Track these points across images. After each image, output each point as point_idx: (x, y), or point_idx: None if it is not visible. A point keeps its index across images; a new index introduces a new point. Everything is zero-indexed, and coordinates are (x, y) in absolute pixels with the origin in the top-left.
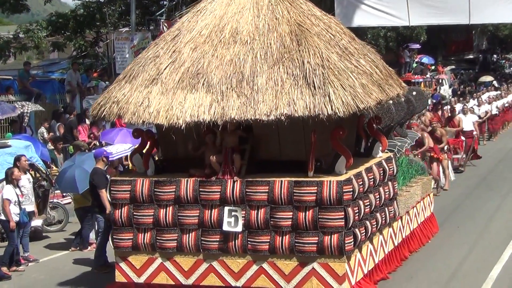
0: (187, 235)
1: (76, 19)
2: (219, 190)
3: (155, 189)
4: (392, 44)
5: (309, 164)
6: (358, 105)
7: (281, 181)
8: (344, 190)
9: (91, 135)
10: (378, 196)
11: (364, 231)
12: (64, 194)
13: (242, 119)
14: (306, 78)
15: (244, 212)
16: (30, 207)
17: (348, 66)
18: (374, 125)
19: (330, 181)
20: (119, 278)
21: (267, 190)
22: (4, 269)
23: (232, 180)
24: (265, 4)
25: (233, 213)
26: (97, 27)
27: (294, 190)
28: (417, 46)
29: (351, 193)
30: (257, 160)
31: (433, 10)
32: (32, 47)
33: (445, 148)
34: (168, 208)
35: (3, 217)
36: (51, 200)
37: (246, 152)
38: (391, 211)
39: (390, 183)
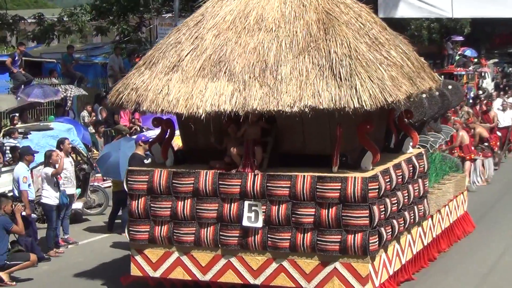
0: (205, 229)
1: (119, 4)
2: (239, 183)
3: (173, 181)
4: (435, 36)
5: (334, 159)
6: (386, 99)
7: (304, 176)
8: (369, 187)
9: (133, 120)
10: (406, 194)
11: (390, 230)
12: (105, 178)
13: (265, 110)
14: (332, 68)
15: (264, 207)
16: (71, 189)
17: (377, 57)
18: (405, 119)
19: (355, 177)
20: (134, 271)
21: (289, 185)
22: (51, 252)
23: (252, 173)
24: None
25: (253, 208)
26: (140, 12)
27: (317, 186)
28: (461, 38)
29: (377, 190)
30: (280, 153)
31: (477, 3)
32: (75, 30)
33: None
34: (186, 200)
35: (43, 200)
36: (92, 184)
37: (268, 144)
38: (421, 210)
39: (420, 180)
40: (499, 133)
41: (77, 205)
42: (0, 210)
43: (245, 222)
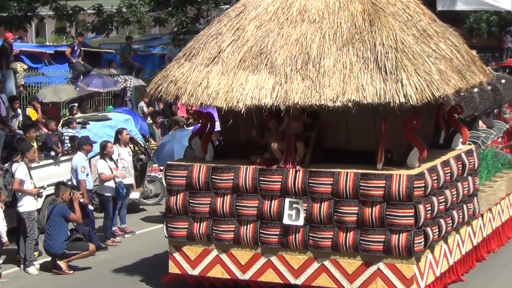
0: (245, 226)
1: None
2: (280, 180)
3: (213, 176)
4: (494, 29)
5: (378, 156)
6: (433, 93)
7: (347, 172)
8: (415, 185)
9: (190, 111)
10: (455, 192)
11: (437, 230)
12: (162, 168)
13: (306, 104)
14: (377, 61)
15: (306, 205)
16: (129, 179)
17: (425, 50)
18: (454, 114)
19: (400, 175)
20: (172, 269)
21: (331, 182)
22: (109, 241)
23: (294, 169)
24: None
25: (294, 206)
26: (198, 3)
27: (361, 183)
28: None
29: (423, 188)
30: (322, 148)
31: None
32: (134, 21)
33: None
34: (225, 197)
35: (99, 191)
36: (149, 174)
37: (310, 139)
38: (470, 209)
39: (470, 178)
40: None
41: (134, 195)
42: (58, 198)
43: (286, 220)
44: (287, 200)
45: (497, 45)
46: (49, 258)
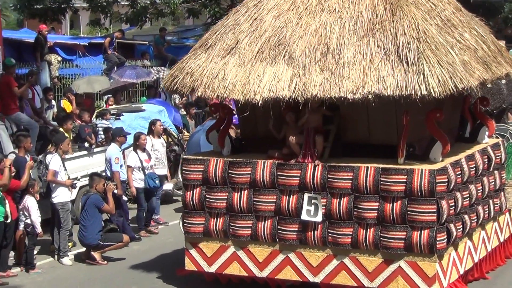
0: (263, 222)
1: None
2: (299, 174)
3: (230, 171)
4: None
5: (400, 150)
6: (456, 85)
7: (367, 167)
8: (437, 181)
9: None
10: (480, 187)
11: (461, 226)
12: None
13: (325, 96)
14: (398, 52)
15: (325, 200)
16: (163, 170)
17: (449, 40)
18: (481, 107)
19: (421, 170)
20: (189, 266)
21: (351, 177)
22: (142, 232)
23: (313, 164)
24: None
25: (313, 201)
26: None
27: (381, 178)
28: None
29: (446, 184)
30: (343, 142)
31: None
32: (168, 13)
33: None
34: (242, 192)
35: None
36: None
37: (330, 133)
38: (497, 204)
39: (496, 172)
40: None
41: (168, 186)
42: (92, 189)
43: (304, 216)
44: (305, 196)
45: None
46: (83, 249)
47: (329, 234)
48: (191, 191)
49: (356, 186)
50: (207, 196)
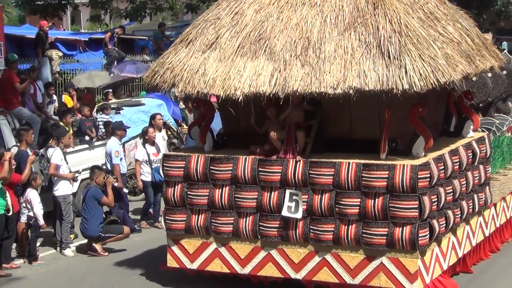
0: (244, 219)
1: None
2: (280, 170)
3: (211, 167)
4: None
5: (382, 145)
6: (438, 79)
7: (349, 163)
8: (419, 176)
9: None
10: (464, 182)
11: (444, 222)
12: None
13: (306, 91)
14: (380, 46)
15: (306, 197)
16: None
17: (431, 34)
18: (465, 101)
19: (403, 165)
20: (171, 262)
21: (332, 173)
22: (143, 224)
23: (294, 160)
24: None
25: (294, 197)
26: None
27: (363, 174)
28: None
29: (428, 179)
30: (325, 137)
31: None
32: (167, 8)
33: None
34: (224, 188)
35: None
36: None
37: (312, 128)
38: (482, 198)
39: (481, 166)
40: None
41: None
42: (92, 181)
43: (285, 212)
44: (287, 192)
45: None
46: (85, 241)
47: (311, 230)
48: (172, 188)
49: (338, 182)
50: (188, 192)
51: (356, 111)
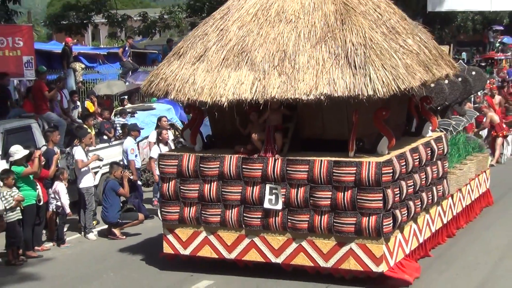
0: (230, 210)
1: (210, 3)
2: (261, 167)
3: (201, 165)
4: (478, 26)
5: (350, 144)
6: (399, 86)
7: (321, 160)
8: (383, 172)
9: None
10: (424, 176)
11: (406, 211)
12: None
13: (282, 98)
14: (347, 57)
15: (284, 190)
16: None
17: (393, 46)
18: (425, 104)
19: (369, 162)
20: (166, 249)
21: (307, 169)
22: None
23: (273, 158)
24: None
25: (273, 191)
26: None
27: (333, 170)
28: (501, 27)
29: (391, 174)
30: (301, 138)
31: None
32: (173, 26)
33: None
34: (212, 183)
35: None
36: None
37: (289, 130)
38: (440, 190)
39: (439, 162)
40: None
41: None
42: (111, 175)
43: (266, 205)
44: (267, 186)
45: (481, 40)
46: (105, 226)
47: (289, 220)
48: (167, 183)
49: (312, 177)
50: (181, 187)
51: (327, 115)
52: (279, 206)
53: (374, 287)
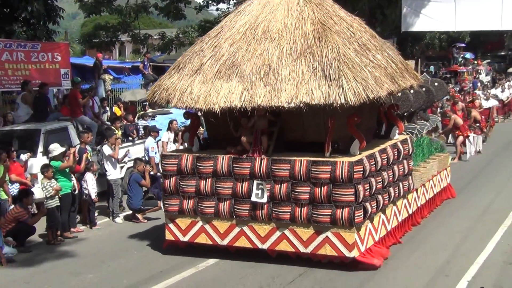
0: (223, 203)
1: (218, 24)
2: (249, 166)
3: (197, 163)
4: (444, 44)
5: (326, 146)
6: (368, 95)
7: (301, 160)
8: (355, 170)
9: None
10: (391, 173)
11: (375, 204)
12: None
13: (267, 105)
14: (323, 70)
15: (269, 186)
16: None
17: (363, 61)
18: (392, 111)
19: (342, 162)
20: (168, 236)
21: (289, 168)
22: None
23: (260, 158)
24: (294, 6)
25: (260, 186)
26: None
27: (312, 169)
28: (463, 44)
29: (362, 172)
30: (284, 140)
31: (474, 19)
32: (187, 44)
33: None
34: (207, 180)
35: None
36: None
37: (273, 134)
38: (406, 185)
39: (405, 161)
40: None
41: None
42: (135, 169)
43: (253, 198)
44: (254, 182)
45: (446, 55)
46: (130, 212)
47: (273, 211)
48: (169, 179)
49: (293, 175)
50: (180, 183)
51: (306, 120)
52: (265, 200)
53: (347, 270)
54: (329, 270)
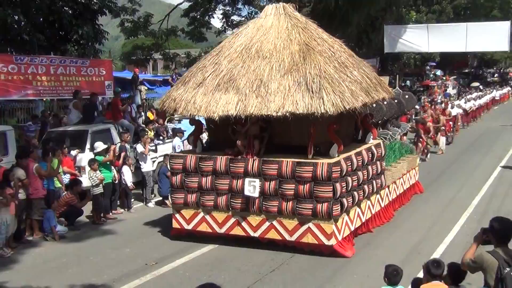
0: (221, 197)
1: (219, 44)
2: (243, 166)
3: (199, 163)
4: (418, 63)
5: (309, 149)
6: (344, 106)
7: (287, 161)
8: (333, 170)
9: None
10: (366, 173)
11: (351, 199)
12: None
13: (258, 114)
14: (307, 85)
15: (260, 183)
16: None
17: (341, 76)
18: (368, 119)
19: (323, 163)
20: (174, 225)
21: (277, 167)
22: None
23: (252, 159)
24: (283, 29)
25: (252, 183)
26: None
27: (296, 169)
28: (434, 63)
29: (339, 172)
30: (274, 144)
31: (444, 42)
32: None
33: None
34: (208, 177)
35: None
36: None
37: (264, 138)
38: (379, 183)
39: (378, 162)
40: (450, 122)
41: None
42: (164, 163)
43: (247, 193)
44: (247, 179)
45: (420, 72)
46: (160, 198)
47: (263, 205)
48: (176, 176)
49: (280, 173)
50: (185, 179)
51: (292, 127)
52: (256, 194)
53: (326, 256)
54: (311, 256)
